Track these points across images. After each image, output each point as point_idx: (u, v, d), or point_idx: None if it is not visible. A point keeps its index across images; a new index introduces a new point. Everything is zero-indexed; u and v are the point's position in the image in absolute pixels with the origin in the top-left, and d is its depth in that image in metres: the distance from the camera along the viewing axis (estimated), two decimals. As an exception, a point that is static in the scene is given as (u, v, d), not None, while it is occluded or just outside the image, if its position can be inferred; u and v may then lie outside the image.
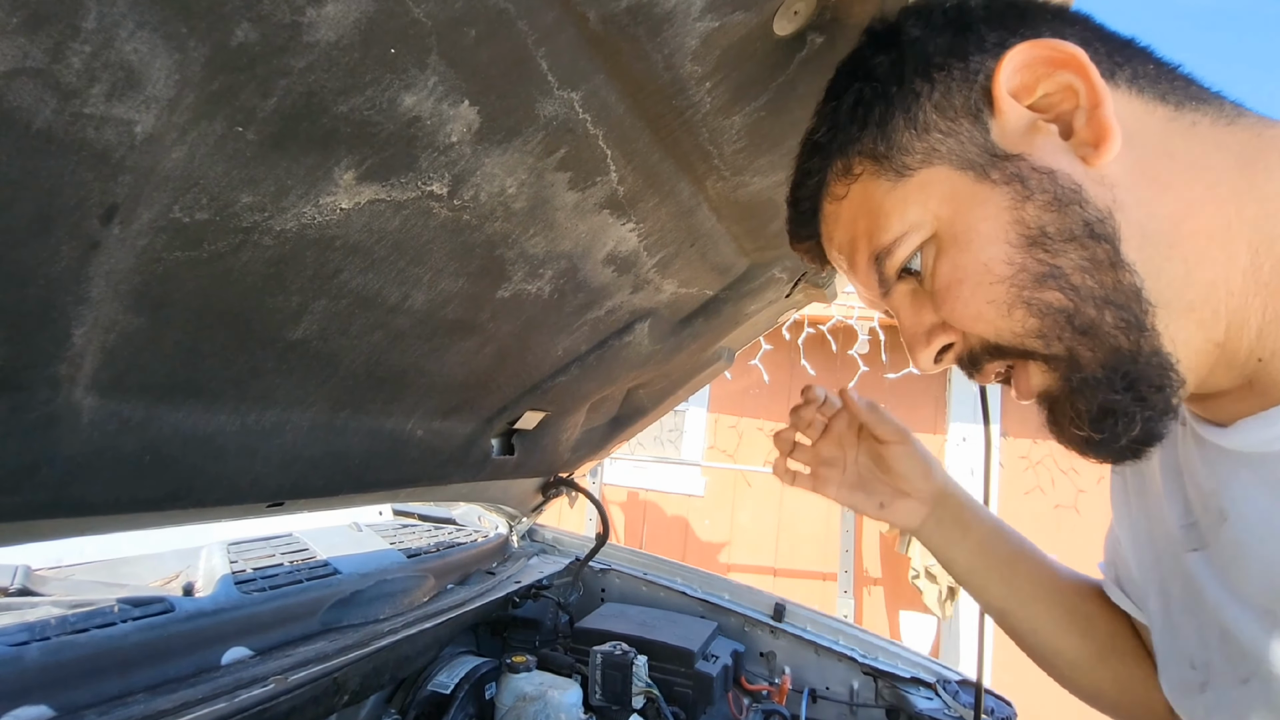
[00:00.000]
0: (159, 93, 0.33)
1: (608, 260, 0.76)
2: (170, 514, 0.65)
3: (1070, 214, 0.40)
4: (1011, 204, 0.41)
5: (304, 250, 0.48)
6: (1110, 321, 0.40)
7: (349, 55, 0.37)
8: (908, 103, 0.44)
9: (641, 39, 0.48)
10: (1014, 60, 0.41)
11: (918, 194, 0.44)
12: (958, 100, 0.43)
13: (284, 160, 0.41)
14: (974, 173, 0.42)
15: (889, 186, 0.45)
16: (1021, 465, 3.80)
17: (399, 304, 0.61)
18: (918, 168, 0.44)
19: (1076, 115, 0.40)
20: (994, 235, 0.41)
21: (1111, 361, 0.40)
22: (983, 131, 0.42)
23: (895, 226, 0.45)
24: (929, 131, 0.43)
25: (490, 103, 0.46)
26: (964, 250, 0.43)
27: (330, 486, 0.79)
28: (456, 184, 0.52)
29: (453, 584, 1.16)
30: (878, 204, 0.46)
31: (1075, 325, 0.40)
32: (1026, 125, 0.41)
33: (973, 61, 0.43)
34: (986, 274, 0.42)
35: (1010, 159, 0.41)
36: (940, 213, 0.43)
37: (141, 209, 0.38)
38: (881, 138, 0.45)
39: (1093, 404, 0.41)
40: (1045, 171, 0.40)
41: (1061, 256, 0.40)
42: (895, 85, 0.44)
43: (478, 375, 0.84)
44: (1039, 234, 0.40)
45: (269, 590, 0.85)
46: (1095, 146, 0.39)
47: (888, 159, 0.45)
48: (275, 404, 0.64)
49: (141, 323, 0.47)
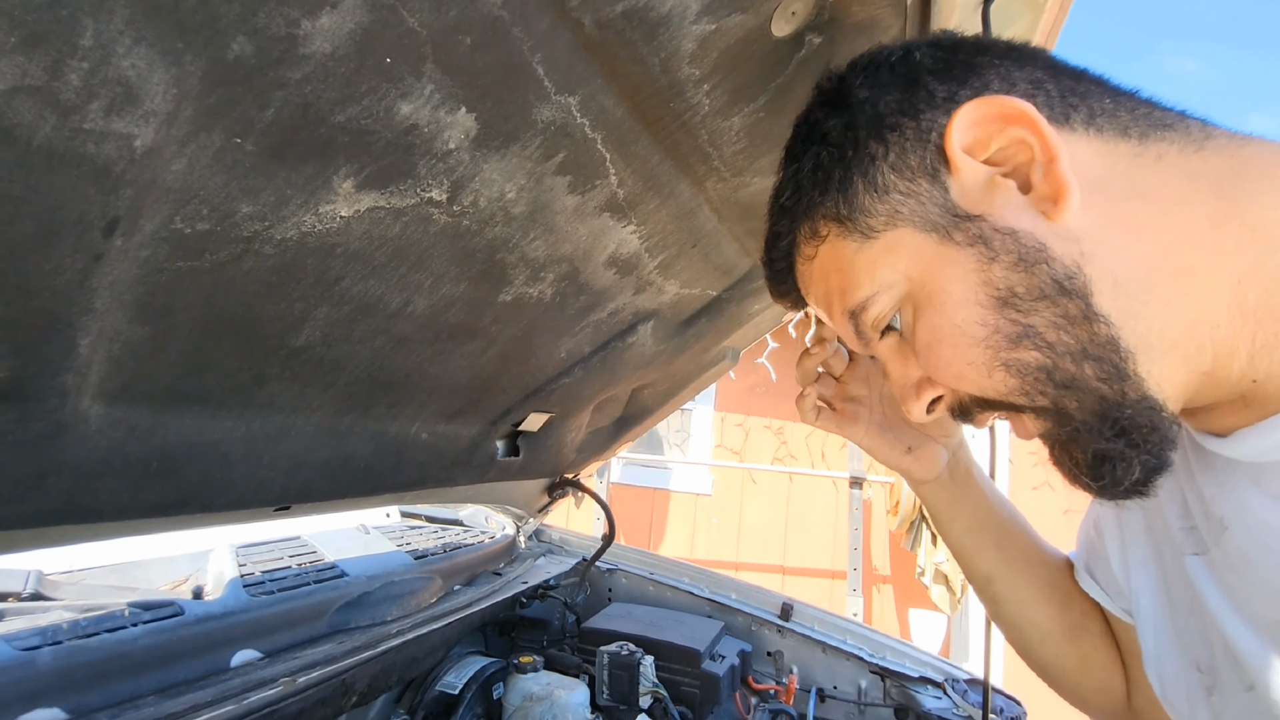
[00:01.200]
0: (157, 107, 0.33)
1: (609, 262, 0.77)
2: (178, 519, 0.65)
3: (1037, 273, 0.39)
4: (978, 266, 0.41)
5: (305, 258, 0.49)
6: (1091, 374, 0.39)
7: (345, 66, 0.37)
8: (864, 166, 0.44)
9: (637, 43, 0.48)
10: (964, 119, 0.40)
11: (885, 256, 0.44)
12: (913, 160, 0.42)
13: (283, 170, 0.41)
14: (938, 235, 0.42)
15: (856, 247, 0.45)
16: (1030, 461, 3.78)
17: (401, 309, 0.61)
18: (882, 230, 0.44)
19: (1033, 169, 0.40)
20: (965, 297, 0.41)
21: (1099, 410, 0.40)
22: (942, 190, 0.42)
23: (866, 286, 0.45)
24: (889, 193, 0.43)
25: (487, 109, 0.46)
26: (937, 312, 0.43)
27: (336, 490, 0.79)
28: (455, 190, 0.52)
29: (460, 585, 1.16)
30: (847, 264, 0.46)
31: (1056, 381, 0.40)
32: (984, 181, 0.41)
33: (923, 119, 0.42)
34: (962, 336, 0.42)
35: (972, 219, 0.41)
36: (910, 273, 0.44)
37: (143, 221, 0.39)
38: (844, 201, 0.45)
39: (1087, 452, 0.41)
40: (1007, 232, 0.40)
41: (1034, 315, 0.40)
42: (850, 149, 0.44)
43: (481, 378, 0.84)
44: (1009, 294, 0.40)
45: (277, 593, 0.86)
46: (1054, 202, 0.39)
47: (851, 221, 0.45)
48: (280, 410, 0.64)
49: (146, 332, 0.47)
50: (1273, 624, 0.39)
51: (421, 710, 1.03)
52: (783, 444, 4.19)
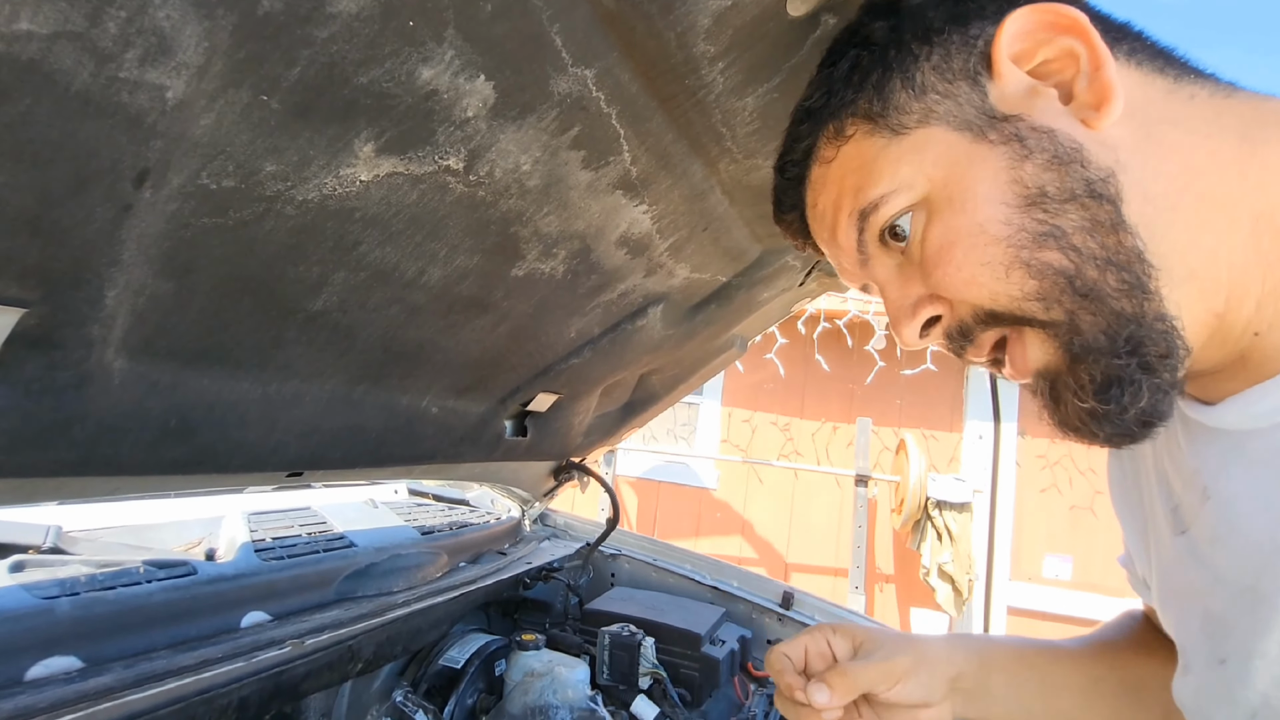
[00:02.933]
0: (189, 59, 0.34)
1: (621, 242, 0.77)
2: (194, 477, 0.67)
3: (1071, 173, 0.39)
4: (1010, 163, 0.40)
5: (324, 221, 0.50)
6: (1113, 284, 0.39)
7: (369, 27, 0.38)
8: (905, 65, 0.44)
9: (654, 16, 0.49)
10: (1014, 25, 0.40)
11: (912, 153, 0.43)
12: (956, 64, 0.42)
13: (306, 130, 0.42)
14: (971, 133, 0.42)
15: (882, 144, 0.44)
16: (1039, 464, 3.75)
17: (415, 278, 0.62)
18: (913, 127, 0.43)
19: (1077, 80, 0.40)
20: (991, 195, 0.41)
21: (1115, 326, 0.39)
22: (980, 94, 0.42)
23: (885, 183, 0.44)
24: (926, 93, 0.43)
25: (505, 78, 0.47)
26: (958, 212, 0.42)
27: (347, 459, 0.81)
28: (472, 159, 0.53)
29: (465, 562, 1.18)
30: (869, 161, 0.45)
31: (1076, 288, 0.39)
32: (1025, 89, 0.41)
33: (973, 27, 0.43)
34: (982, 235, 0.41)
35: (1009, 119, 0.41)
36: (934, 174, 0.43)
37: (171, 174, 0.40)
38: (878, 98, 0.44)
39: (1096, 371, 0.40)
40: (1044, 130, 0.40)
41: (1061, 216, 0.39)
42: (893, 49, 0.44)
43: (491, 354, 0.85)
44: (1038, 193, 0.39)
45: (287, 559, 0.88)
46: (1096, 109, 0.39)
47: (883, 118, 0.44)
48: (295, 374, 0.66)
49: (170, 287, 0.49)
50: (1247, 590, 0.39)
51: (425, 683, 1.05)
52: (789, 440, 4.19)
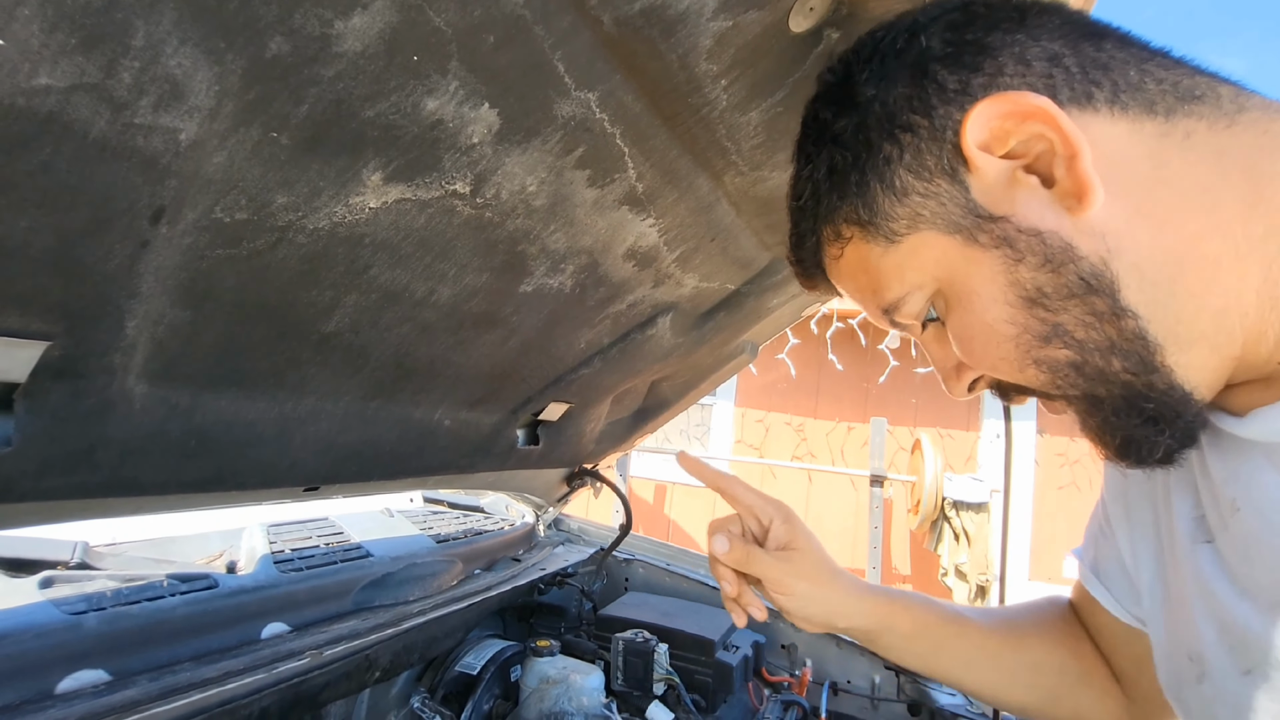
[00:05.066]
0: (201, 103, 0.35)
1: (628, 255, 0.78)
2: (214, 495, 0.69)
3: (1064, 273, 0.39)
4: (1004, 267, 0.41)
5: (335, 247, 0.51)
6: (1119, 367, 0.40)
7: (375, 64, 0.39)
8: (880, 169, 0.43)
9: (656, 39, 0.49)
10: (978, 117, 0.39)
11: (911, 258, 0.44)
12: (930, 160, 0.42)
13: (316, 163, 0.43)
14: (962, 236, 0.42)
15: (881, 251, 0.45)
16: (1058, 462, 3.71)
17: (426, 298, 0.63)
18: (905, 233, 0.43)
19: (1055, 163, 0.39)
20: (994, 297, 0.42)
21: (1127, 398, 0.41)
22: (962, 190, 0.41)
23: (895, 289, 0.46)
24: (908, 195, 0.43)
25: (509, 105, 0.48)
26: (968, 311, 0.43)
27: (363, 472, 0.82)
28: (479, 183, 0.54)
29: (480, 569, 1.19)
30: (874, 266, 0.46)
31: (1085, 374, 0.41)
32: (1005, 178, 0.40)
33: (936, 116, 0.41)
34: (992, 334, 0.42)
35: (995, 221, 0.41)
36: (937, 274, 0.44)
37: (186, 210, 0.41)
38: (863, 205, 0.44)
39: (1116, 437, 0.42)
40: (1032, 233, 0.40)
41: (1062, 313, 0.40)
42: (863, 151, 0.44)
43: (502, 367, 0.86)
44: (1037, 293, 0.40)
45: (306, 570, 0.90)
46: (1078, 199, 0.38)
47: (874, 225, 0.44)
48: (310, 393, 0.67)
49: (187, 316, 0.50)
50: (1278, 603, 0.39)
51: (442, 689, 1.06)
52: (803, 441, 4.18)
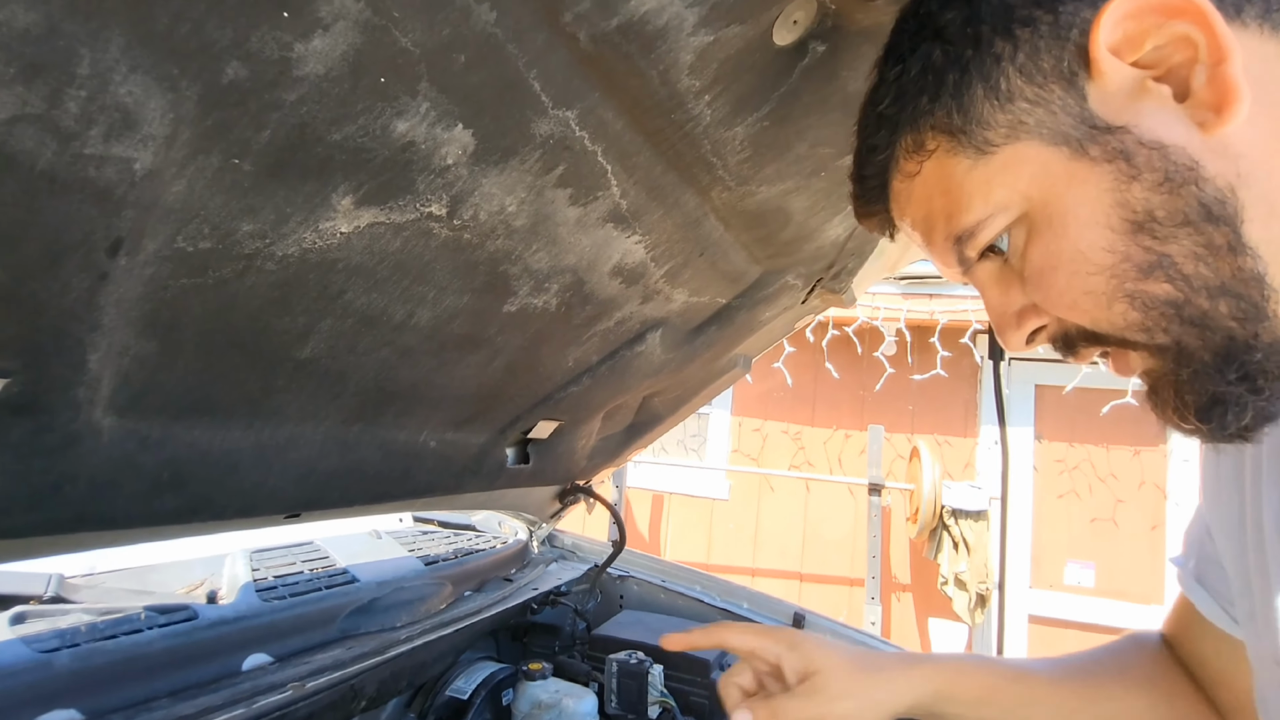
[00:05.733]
0: (155, 131, 0.34)
1: (615, 272, 0.77)
2: (190, 526, 0.67)
3: (1184, 195, 0.34)
4: (1114, 185, 0.36)
5: (307, 273, 0.49)
6: (1225, 311, 0.35)
7: (339, 86, 0.37)
8: (987, 68, 0.38)
9: (634, 56, 0.48)
10: (1116, 11, 0.34)
11: (1002, 174, 0.39)
12: (1046, 62, 0.37)
13: (281, 189, 0.42)
14: (1069, 148, 0.37)
15: (969, 165, 0.40)
16: (1057, 469, 3.69)
17: (405, 321, 0.62)
18: (1001, 144, 0.38)
19: (1194, 72, 0.34)
20: (1093, 220, 0.37)
21: (1225, 351, 0.36)
22: (1078, 98, 0.36)
23: (978, 209, 0.40)
24: (1013, 101, 0.38)
25: (484, 125, 0.47)
26: (1058, 236, 0.38)
27: (345, 498, 0.80)
28: (455, 204, 0.52)
29: (470, 591, 1.17)
30: (956, 184, 0.41)
31: (1184, 317, 0.36)
32: (1132, 87, 0.36)
33: (1063, 13, 0.36)
34: (1084, 262, 0.37)
35: (1113, 131, 0.36)
36: (1030, 193, 0.38)
37: (146, 240, 0.40)
38: (958, 109, 0.39)
39: (1201, 395, 0.37)
40: (1155, 146, 0.35)
41: (1172, 243, 0.35)
42: (971, 47, 0.38)
43: (488, 387, 0.85)
44: (1146, 218, 0.35)
45: (289, 598, 0.87)
46: (1218, 111, 0.34)
47: (965, 134, 0.39)
48: (288, 420, 0.65)
49: (154, 347, 0.48)
50: None
51: (432, 714, 1.04)
52: (800, 449, 4.16)
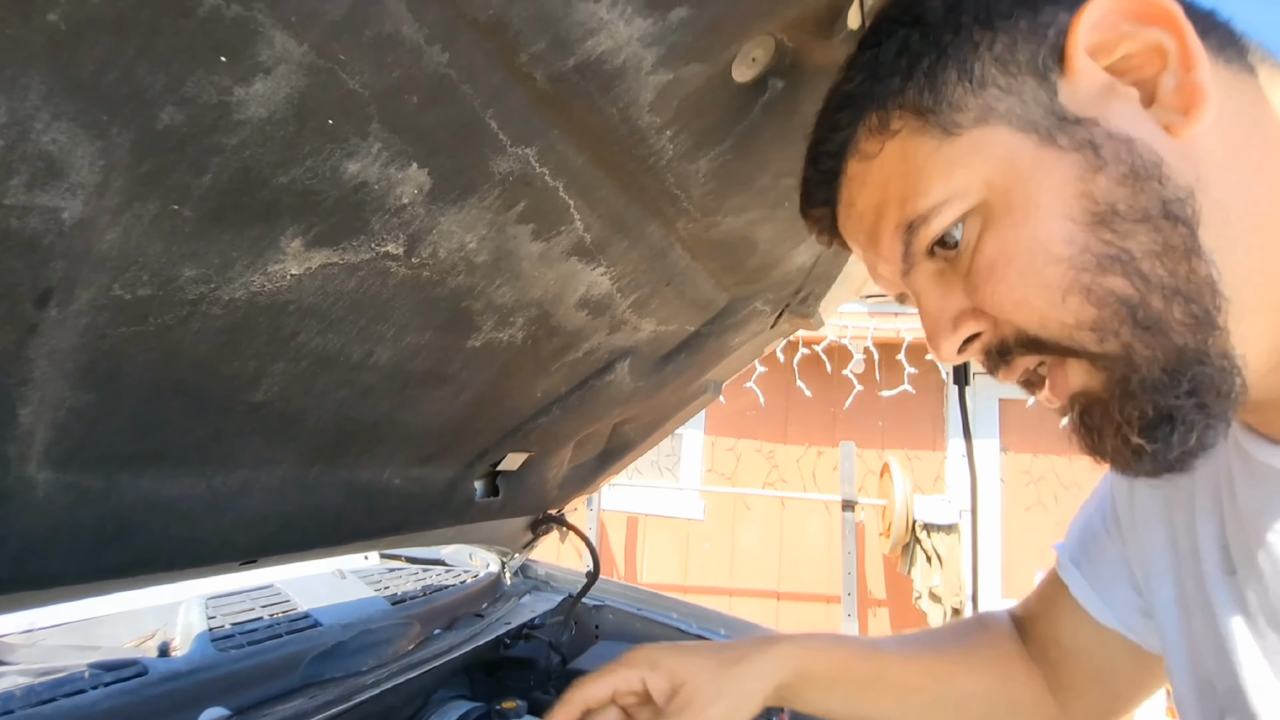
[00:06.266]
0: (84, 179, 0.32)
1: (581, 304, 0.76)
2: (139, 579, 0.63)
3: (1147, 190, 0.35)
4: (1080, 174, 0.36)
5: (256, 317, 0.48)
6: (1178, 316, 0.35)
7: (284, 129, 0.36)
8: (963, 53, 0.38)
9: (594, 95, 0.48)
10: (1095, 12, 0.35)
11: (967, 156, 0.38)
12: (1022, 55, 0.37)
13: (226, 233, 0.40)
14: (1037, 135, 0.37)
15: (933, 145, 0.39)
16: (1023, 480, 3.76)
17: (363, 360, 0.60)
18: (970, 126, 0.38)
19: (1163, 78, 0.35)
20: (1056, 209, 0.36)
21: (1174, 363, 0.35)
22: (1049, 92, 0.37)
23: (937, 191, 0.39)
24: (986, 87, 0.38)
25: (441, 163, 0.46)
26: (1018, 224, 0.37)
27: (305, 541, 0.77)
28: (413, 243, 0.51)
29: (440, 629, 1.13)
30: (918, 165, 0.40)
31: (1138, 319, 0.35)
32: (1102, 88, 0.36)
33: (1043, 12, 0.37)
34: (1042, 253, 0.36)
35: (1081, 123, 0.36)
36: (993, 179, 0.38)
37: (79, 290, 0.38)
38: (929, 89, 0.39)
39: (1148, 409, 0.36)
40: (1122, 139, 0.35)
41: (1131, 239, 0.35)
42: (949, 33, 0.39)
43: (454, 422, 0.83)
44: (1108, 211, 0.35)
45: (247, 646, 0.83)
46: (1185, 113, 0.35)
47: (934, 113, 0.39)
48: (242, 464, 0.63)
49: (92, 398, 0.46)
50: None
51: (401, 762, 0.99)
52: (774, 467, 4.17)
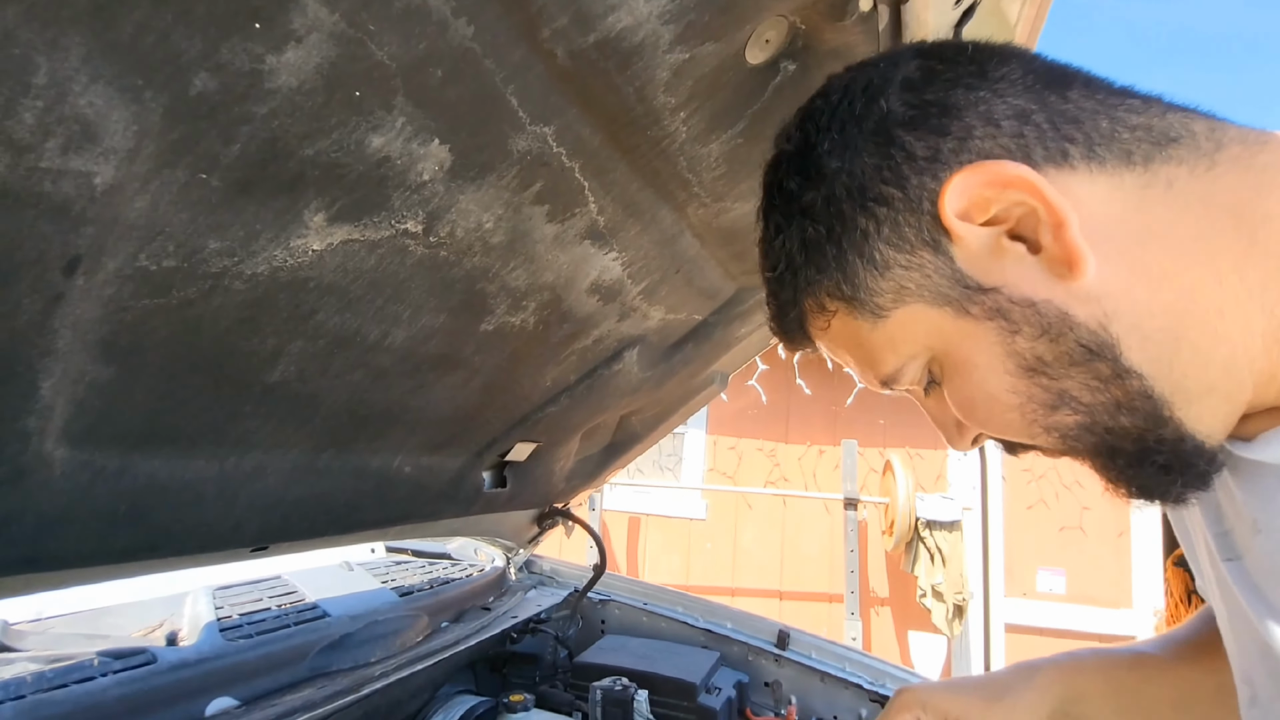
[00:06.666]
0: (117, 144, 0.32)
1: (592, 289, 0.76)
2: (149, 563, 0.63)
3: (1063, 341, 0.38)
4: (999, 339, 0.40)
5: (277, 293, 0.48)
6: (1128, 424, 0.39)
7: (312, 100, 0.37)
8: (858, 244, 0.42)
9: (611, 72, 0.48)
10: (957, 187, 0.38)
11: (901, 331, 0.43)
12: (910, 231, 0.40)
13: (251, 205, 0.40)
14: (952, 308, 0.41)
15: (869, 326, 0.44)
16: (1024, 479, 3.77)
17: (379, 342, 0.60)
18: (892, 307, 0.42)
19: (1040, 230, 0.38)
20: (992, 367, 0.41)
21: (1138, 451, 0.40)
22: (946, 260, 0.40)
23: (890, 361, 0.45)
24: (890, 269, 0.41)
25: (461, 140, 0.46)
26: (967, 380, 0.42)
27: (315, 528, 0.77)
28: (431, 221, 0.51)
29: (447, 622, 1.13)
30: (864, 340, 0.45)
31: (1096, 432, 0.40)
32: (990, 245, 0.39)
33: (910, 186, 0.40)
34: (995, 403, 0.42)
35: (986, 292, 0.40)
36: (931, 345, 0.43)
37: (106, 259, 0.38)
38: (844, 280, 0.43)
39: (1131, 484, 0.41)
40: (1026, 304, 0.39)
41: (1065, 380, 0.39)
42: (837, 224, 0.42)
43: (465, 409, 0.83)
44: (1037, 363, 0.39)
45: (255, 637, 0.83)
46: (1069, 267, 0.37)
47: (858, 301, 0.43)
48: (255, 447, 0.63)
49: (112, 372, 0.46)
50: None
51: (408, 754, 0.99)
52: (775, 466, 4.17)
